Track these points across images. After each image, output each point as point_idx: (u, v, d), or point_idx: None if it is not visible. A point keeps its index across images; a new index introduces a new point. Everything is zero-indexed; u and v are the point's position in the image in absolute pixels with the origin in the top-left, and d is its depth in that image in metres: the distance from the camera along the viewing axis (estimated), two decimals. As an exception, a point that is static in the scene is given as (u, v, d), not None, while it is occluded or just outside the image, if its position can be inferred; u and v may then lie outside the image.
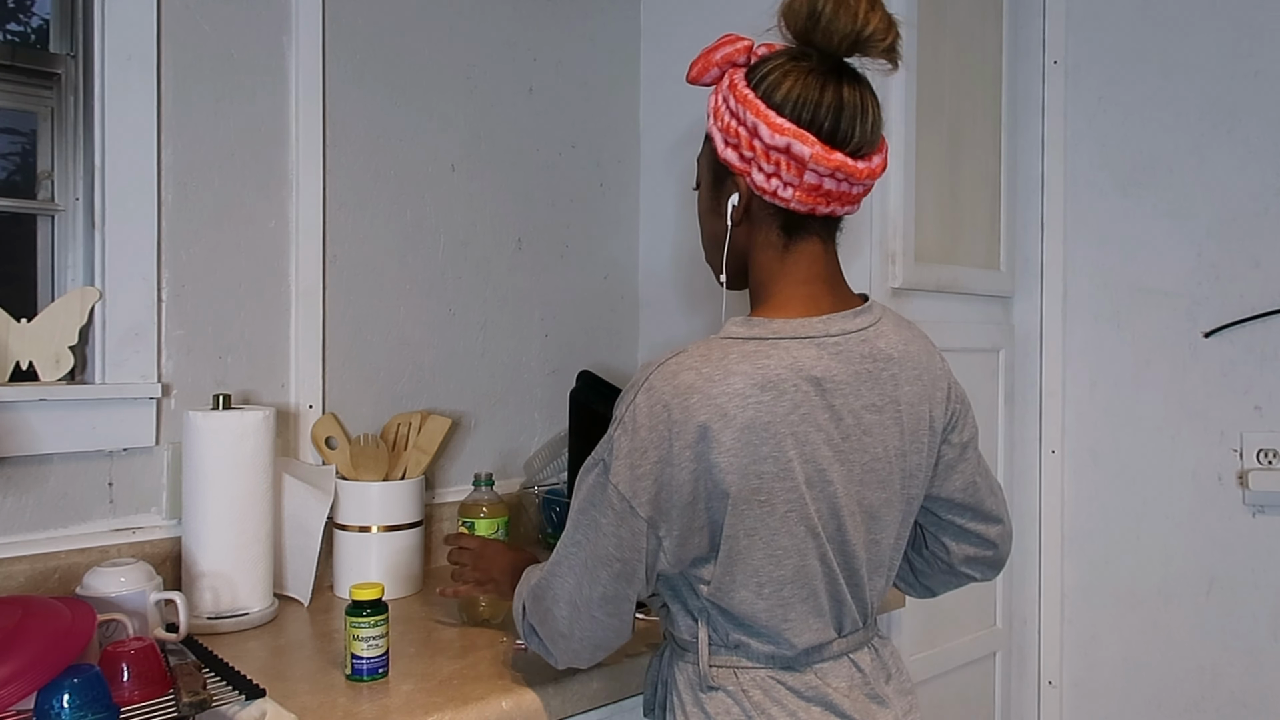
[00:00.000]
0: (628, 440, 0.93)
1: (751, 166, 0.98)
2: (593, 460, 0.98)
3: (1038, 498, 1.97)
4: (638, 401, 0.94)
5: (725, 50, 1.02)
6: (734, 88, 1.00)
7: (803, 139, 0.95)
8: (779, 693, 0.98)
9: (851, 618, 1.02)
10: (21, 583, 1.31)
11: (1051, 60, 1.95)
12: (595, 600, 0.98)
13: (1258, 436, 1.73)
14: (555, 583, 1.01)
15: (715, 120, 1.02)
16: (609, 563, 0.96)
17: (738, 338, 0.96)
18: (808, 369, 0.95)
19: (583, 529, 0.98)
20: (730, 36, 1.03)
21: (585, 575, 0.98)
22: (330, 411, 1.63)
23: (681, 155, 2.01)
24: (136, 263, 1.44)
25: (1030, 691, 1.98)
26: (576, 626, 1.01)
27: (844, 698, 0.99)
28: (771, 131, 0.95)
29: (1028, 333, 1.97)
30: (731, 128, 0.99)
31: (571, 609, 1.00)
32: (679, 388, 0.92)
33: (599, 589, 0.98)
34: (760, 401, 0.92)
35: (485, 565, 1.26)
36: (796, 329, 0.97)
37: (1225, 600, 1.77)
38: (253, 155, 1.56)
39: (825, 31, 0.97)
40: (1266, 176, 1.72)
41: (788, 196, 0.98)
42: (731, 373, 0.92)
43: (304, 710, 1.05)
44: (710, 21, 1.91)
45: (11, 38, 1.49)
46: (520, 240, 1.90)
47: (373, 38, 1.68)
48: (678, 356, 0.95)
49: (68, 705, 0.92)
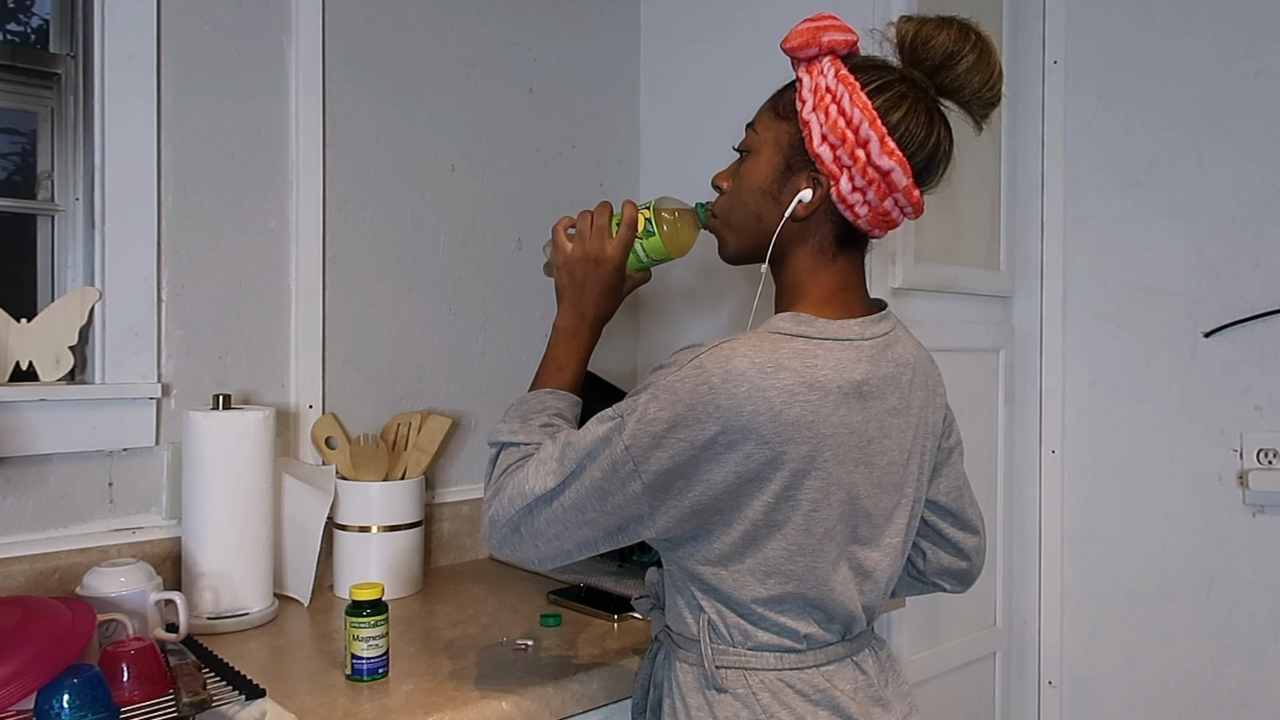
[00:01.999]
0: (657, 408, 0.91)
1: (844, 173, 0.97)
2: (611, 413, 0.95)
3: (1038, 498, 1.97)
4: (684, 374, 0.91)
5: (833, 35, 0.98)
6: (851, 87, 0.96)
7: (904, 168, 0.96)
8: (787, 696, 0.98)
9: (858, 620, 1.02)
10: (21, 583, 1.32)
11: (1051, 60, 1.95)
12: (563, 535, 0.97)
13: (1258, 436, 1.73)
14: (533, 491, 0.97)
15: (818, 109, 0.97)
16: (583, 510, 0.95)
17: (787, 334, 0.95)
18: (849, 372, 0.95)
19: (575, 477, 0.95)
20: (837, 21, 0.99)
21: (566, 514, 0.96)
22: (330, 411, 1.63)
23: (682, 155, 2.01)
24: (136, 263, 1.44)
25: (1030, 691, 1.98)
26: (540, 540, 0.98)
27: (850, 700, 0.99)
28: (882, 151, 0.95)
29: (1028, 333, 1.97)
30: (839, 127, 0.96)
31: (545, 524, 0.97)
32: (730, 373, 0.90)
33: (572, 533, 0.97)
34: (807, 400, 0.91)
35: (582, 267, 1.13)
36: (838, 330, 0.97)
37: (1225, 600, 1.76)
38: (253, 155, 1.56)
39: (956, 77, 0.97)
40: (1266, 176, 1.72)
41: (862, 214, 0.99)
42: (783, 368, 0.91)
43: (304, 710, 1.05)
44: (710, 21, 1.91)
45: (11, 38, 1.49)
46: (520, 240, 1.90)
47: (373, 38, 1.68)
48: (730, 343, 0.93)
49: (68, 705, 0.92)
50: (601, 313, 1.14)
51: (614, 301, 1.15)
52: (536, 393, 1.09)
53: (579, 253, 1.13)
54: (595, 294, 1.13)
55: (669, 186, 2.00)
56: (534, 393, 1.09)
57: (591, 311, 1.13)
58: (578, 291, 1.13)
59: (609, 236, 1.13)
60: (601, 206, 1.15)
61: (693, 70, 1.96)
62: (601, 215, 1.14)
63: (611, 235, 1.13)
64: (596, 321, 1.14)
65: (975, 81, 0.98)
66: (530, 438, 1.03)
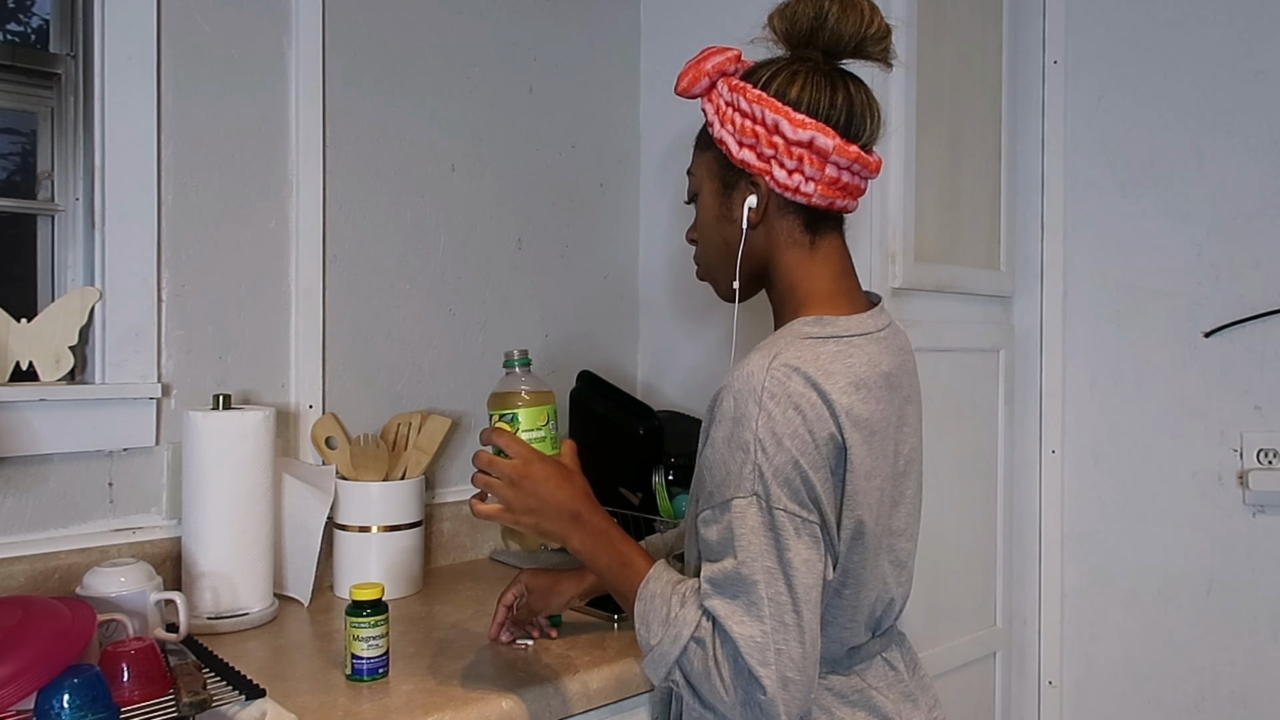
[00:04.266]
0: (769, 461, 0.88)
1: (772, 164, 0.98)
2: (741, 500, 0.88)
3: (1038, 498, 1.97)
4: (770, 413, 0.88)
5: (715, 60, 1.02)
6: (741, 90, 1.00)
7: (825, 132, 0.96)
8: (826, 700, 0.98)
9: (890, 615, 1.03)
10: (21, 583, 1.31)
11: (1051, 60, 1.95)
12: (814, 623, 0.89)
13: (1258, 436, 1.73)
14: (768, 646, 0.86)
15: (723, 124, 1.01)
16: (810, 591, 0.88)
17: (817, 337, 0.96)
18: (880, 365, 0.97)
19: (773, 578, 0.87)
20: (716, 47, 1.04)
21: (802, 615, 0.87)
22: (330, 411, 1.63)
23: (682, 155, 2.01)
24: (136, 263, 1.44)
25: (1030, 691, 1.98)
26: (808, 664, 0.88)
27: (884, 698, 1.00)
28: (794, 126, 0.96)
29: (1028, 333, 1.97)
30: (747, 128, 0.99)
31: (800, 647, 0.87)
32: (799, 388, 0.90)
33: (815, 612, 0.88)
34: (859, 398, 0.92)
35: (526, 494, 0.99)
36: (860, 326, 0.99)
37: (1225, 600, 1.76)
38: (253, 155, 1.56)
39: (833, 32, 0.98)
40: (1266, 176, 1.72)
41: (810, 191, 0.99)
42: (831, 372, 0.92)
43: (304, 710, 1.05)
44: (710, 21, 1.91)
45: (11, 38, 1.49)
46: (520, 240, 1.90)
47: (373, 38, 1.68)
48: (780, 357, 0.91)
49: (68, 705, 0.92)
50: (574, 502, 1.00)
51: (571, 484, 1.01)
52: (639, 599, 0.95)
53: (511, 498, 1.00)
54: (555, 500, 1.00)
55: (668, 187, 2.00)
56: (637, 602, 0.95)
57: (569, 507, 1.00)
58: (549, 512, 1.00)
59: (509, 466, 1.00)
60: (480, 456, 1.02)
61: (693, 70, 1.96)
62: (489, 463, 1.01)
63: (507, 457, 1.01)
64: (586, 508, 1.01)
65: (849, 27, 0.98)
66: (685, 627, 0.90)
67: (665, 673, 0.90)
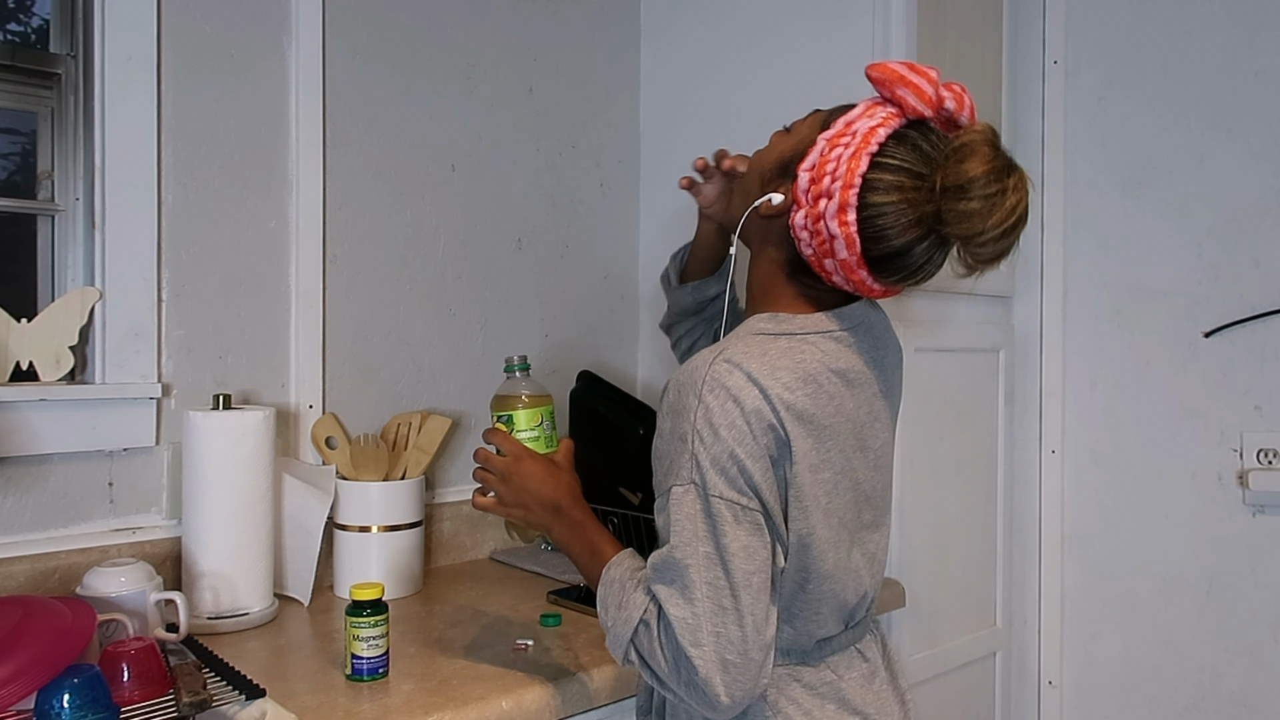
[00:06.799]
0: (706, 450, 0.90)
1: (803, 207, 0.96)
2: (679, 488, 0.91)
3: (1038, 498, 1.97)
4: (708, 405, 0.90)
5: (905, 94, 0.94)
6: (864, 144, 0.93)
7: (851, 246, 0.94)
8: (794, 691, 0.98)
9: (863, 607, 1.03)
10: (21, 583, 1.32)
11: (1051, 60, 1.95)
12: (760, 618, 0.90)
13: (1258, 436, 1.73)
14: (701, 626, 0.89)
15: (830, 140, 0.95)
16: (751, 577, 0.89)
17: (770, 334, 0.97)
18: (835, 363, 0.97)
19: (710, 563, 0.89)
20: (924, 86, 0.94)
21: (740, 599, 0.89)
22: (330, 411, 1.63)
23: (682, 155, 2.01)
24: (136, 263, 1.44)
25: (1030, 691, 1.98)
26: (752, 649, 0.89)
27: (855, 690, 1.00)
28: (835, 217, 0.93)
29: (1028, 333, 1.97)
30: (825, 167, 0.94)
31: (736, 629, 0.89)
32: (739, 382, 0.91)
33: (758, 597, 0.90)
34: (805, 394, 0.93)
35: (516, 489, 1.08)
36: (816, 324, 0.99)
37: (1225, 600, 1.76)
38: (253, 155, 1.56)
39: (956, 212, 0.90)
40: (1266, 176, 1.72)
41: (806, 254, 0.98)
42: (776, 367, 0.93)
43: (304, 710, 1.05)
44: (710, 22, 1.91)
45: (11, 38, 1.49)
46: (520, 240, 1.90)
47: (373, 38, 1.68)
48: (724, 354, 0.93)
49: (68, 705, 0.92)
50: (557, 496, 1.07)
51: (556, 479, 1.08)
52: (601, 584, 1.00)
53: (502, 492, 1.09)
54: (540, 494, 1.07)
55: (668, 186, 2.00)
56: (600, 587, 1.00)
57: (552, 500, 1.07)
58: (534, 505, 1.08)
59: (508, 461, 1.09)
60: (479, 453, 1.12)
61: (692, 70, 1.96)
62: (485, 459, 1.11)
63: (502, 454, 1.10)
64: (568, 502, 1.07)
65: (966, 227, 0.89)
66: (635, 609, 0.94)
67: (623, 654, 0.95)
